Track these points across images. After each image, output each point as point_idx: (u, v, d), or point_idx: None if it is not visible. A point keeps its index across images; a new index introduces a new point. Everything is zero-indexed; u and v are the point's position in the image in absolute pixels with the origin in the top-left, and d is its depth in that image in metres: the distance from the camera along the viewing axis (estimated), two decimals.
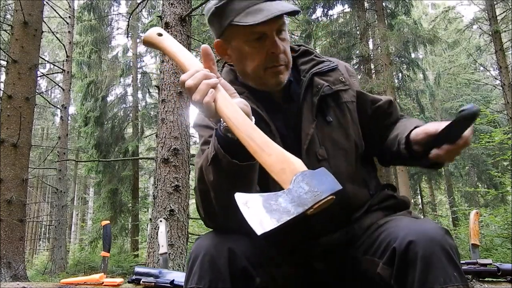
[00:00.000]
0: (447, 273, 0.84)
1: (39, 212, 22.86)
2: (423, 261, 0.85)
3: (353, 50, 12.50)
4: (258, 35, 1.04)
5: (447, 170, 16.66)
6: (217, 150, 0.89)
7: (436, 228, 0.91)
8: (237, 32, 1.06)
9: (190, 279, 0.91)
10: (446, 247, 0.87)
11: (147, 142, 18.03)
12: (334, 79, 1.16)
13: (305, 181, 0.73)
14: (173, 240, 4.31)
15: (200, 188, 0.98)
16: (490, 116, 9.15)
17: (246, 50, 1.07)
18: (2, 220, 4.82)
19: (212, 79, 0.86)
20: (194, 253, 0.93)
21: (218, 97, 0.84)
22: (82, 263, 11.80)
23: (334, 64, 1.18)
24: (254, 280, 0.94)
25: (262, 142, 0.79)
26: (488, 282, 1.62)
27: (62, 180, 11.10)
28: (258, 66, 1.07)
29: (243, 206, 0.71)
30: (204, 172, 0.95)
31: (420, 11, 22.80)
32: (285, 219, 0.69)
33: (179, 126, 4.73)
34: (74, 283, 1.87)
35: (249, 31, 1.04)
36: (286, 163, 0.77)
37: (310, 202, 0.70)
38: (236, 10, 1.04)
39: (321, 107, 1.12)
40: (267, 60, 1.06)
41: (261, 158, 0.79)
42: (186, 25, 5.11)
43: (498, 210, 8.26)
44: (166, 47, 0.97)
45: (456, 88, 17.91)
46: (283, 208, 0.70)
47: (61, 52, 18.84)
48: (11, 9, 10.33)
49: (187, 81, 0.86)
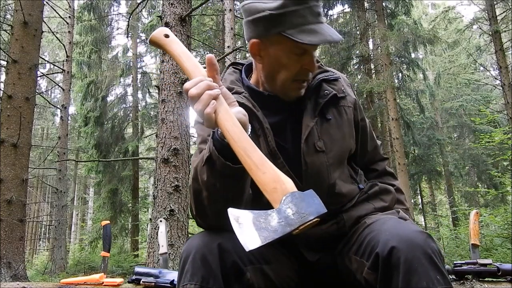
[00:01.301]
0: (430, 276, 0.85)
1: (39, 212, 22.86)
2: (405, 266, 0.87)
3: (353, 50, 12.51)
4: (302, 50, 1.09)
5: (447, 170, 16.66)
6: (212, 152, 0.93)
7: (418, 232, 0.93)
8: (283, 43, 1.09)
9: (182, 278, 0.93)
10: (428, 251, 0.88)
11: (147, 142, 18.04)
12: (338, 88, 1.23)
13: (293, 202, 0.77)
14: (173, 240, 4.31)
15: (194, 187, 1.01)
16: (490, 116, 9.15)
17: (284, 60, 1.11)
18: (2, 220, 4.82)
19: (215, 90, 0.88)
20: (186, 252, 0.96)
21: (219, 109, 0.87)
22: (82, 263, 11.81)
23: (336, 75, 1.26)
24: (244, 275, 0.97)
25: (258, 159, 0.82)
26: (488, 282, 1.61)
27: (62, 180, 11.10)
28: (289, 77, 1.12)
29: (234, 222, 0.76)
30: (198, 172, 0.98)
31: (420, 11, 22.81)
32: (271, 238, 0.73)
33: (179, 126, 4.74)
34: (74, 283, 1.87)
35: (295, 45, 1.08)
36: (278, 182, 0.80)
37: (296, 224, 0.74)
38: (291, 23, 1.06)
39: (323, 107, 1.18)
40: (299, 74, 1.12)
41: (255, 175, 0.82)
42: (186, 25, 5.11)
43: (498, 210, 8.25)
44: (171, 49, 0.99)
45: (456, 88, 17.91)
46: (271, 227, 0.75)
47: (61, 52, 18.84)
48: (11, 9, 10.33)
49: (191, 89, 0.88)
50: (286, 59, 1.10)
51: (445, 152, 15.64)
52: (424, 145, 14.37)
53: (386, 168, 1.38)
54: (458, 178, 16.99)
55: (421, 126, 14.12)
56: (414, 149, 14.74)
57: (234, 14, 10.20)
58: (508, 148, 8.71)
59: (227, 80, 1.22)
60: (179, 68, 4.92)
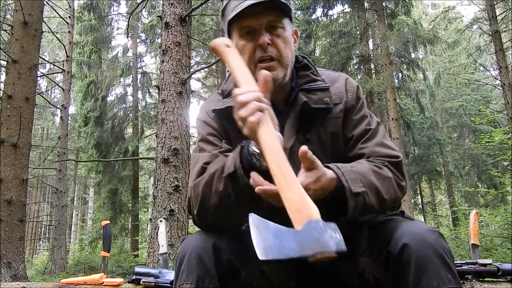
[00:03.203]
0: (440, 275, 0.85)
1: (39, 212, 22.86)
2: (416, 264, 0.86)
3: (353, 50, 12.50)
4: (247, 29, 1.10)
5: (447, 170, 16.66)
6: (237, 169, 0.93)
7: (429, 231, 0.92)
8: (233, 30, 1.13)
9: (179, 278, 0.94)
10: (439, 249, 0.88)
11: (147, 142, 18.03)
12: (317, 98, 1.14)
13: (317, 230, 0.75)
14: (173, 240, 4.31)
15: (203, 191, 1.01)
16: (490, 116, 9.15)
17: (239, 45, 1.11)
18: (2, 220, 4.82)
19: (264, 103, 0.88)
20: (181, 252, 0.97)
21: (263, 122, 0.87)
22: (82, 263, 11.80)
23: (325, 85, 1.17)
24: (240, 273, 0.98)
25: (290, 179, 0.82)
26: (488, 282, 1.62)
27: (62, 180, 11.10)
28: (249, 60, 1.10)
29: (255, 229, 0.75)
30: (214, 181, 0.98)
31: (420, 11, 22.81)
32: (288, 256, 0.72)
33: (179, 126, 4.73)
34: (74, 283, 1.87)
35: (239, 26, 1.10)
36: (305, 206, 0.79)
37: (315, 251, 0.73)
38: (231, 8, 1.10)
39: (303, 122, 1.13)
40: (256, 53, 1.10)
41: (284, 193, 0.81)
42: (186, 25, 5.11)
43: (498, 210, 8.24)
44: (230, 59, 1.01)
45: (456, 88, 17.91)
46: (290, 245, 0.74)
47: (61, 52, 18.84)
48: (11, 9, 10.33)
49: (240, 96, 0.88)
50: (241, 44, 1.11)
51: (445, 152, 15.63)
52: (424, 145, 14.37)
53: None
54: (458, 178, 16.99)
55: (421, 126, 14.11)
56: (414, 149, 14.75)
57: None
58: (508, 148, 8.70)
59: (232, 81, 1.21)
60: (179, 68, 4.92)
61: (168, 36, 4.97)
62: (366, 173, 1.01)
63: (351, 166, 1.01)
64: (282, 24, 1.12)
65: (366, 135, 1.15)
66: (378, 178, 1.02)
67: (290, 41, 1.15)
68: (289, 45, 1.14)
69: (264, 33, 1.09)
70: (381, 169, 1.05)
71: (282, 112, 1.14)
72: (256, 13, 1.07)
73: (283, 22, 1.13)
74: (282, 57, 1.11)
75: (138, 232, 14.87)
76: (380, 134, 1.17)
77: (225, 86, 1.23)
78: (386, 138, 1.17)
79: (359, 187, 0.96)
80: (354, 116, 1.18)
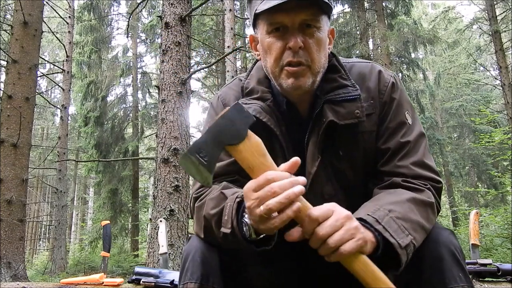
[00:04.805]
0: (452, 273, 0.85)
1: (39, 212, 22.85)
2: (429, 262, 0.86)
3: (353, 50, 12.50)
4: (277, 25, 0.96)
5: (447, 170, 16.65)
6: (237, 232, 0.86)
7: (441, 229, 0.92)
8: (261, 23, 1.00)
9: (183, 276, 0.94)
10: (451, 247, 0.88)
11: (147, 142, 18.03)
12: (346, 112, 1.00)
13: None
14: (173, 240, 4.31)
15: (205, 225, 0.97)
16: (490, 116, 9.15)
17: (265, 42, 0.99)
18: (2, 220, 4.82)
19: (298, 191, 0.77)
20: (186, 251, 0.97)
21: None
22: (82, 263, 11.79)
23: (355, 93, 1.01)
24: (244, 273, 0.98)
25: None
26: (488, 282, 1.62)
27: (62, 180, 11.10)
28: (275, 61, 0.98)
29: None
30: (213, 225, 0.93)
31: (420, 11, 22.80)
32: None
33: (179, 126, 4.73)
34: (74, 283, 1.87)
35: (268, 21, 0.97)
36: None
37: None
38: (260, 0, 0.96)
39: (332, 138, 1.01)
40: (284, 55, 0.96)
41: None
42: (186, 25, 5.11)
43: (498, 210, 8.24)
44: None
45: (456, 88, 17.91)
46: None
47: (61, 52, 18.84)
48: (11, 9, 10.33)
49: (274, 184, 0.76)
50: (268, 41, 0.98)
51: (445, 152, 15.62)
52: None
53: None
54: (458, 178, 16.98)
55: None
56: None
57: (234, 14, 10.20)
58: (508, 148, 8.70)
59: (254, 77, 1.10)
60: (179, 68, 4.92)
61: (168, 36, 4.97)
62: (409, 212, 0.88)
63: (389, 211, 0.86)
64: (319, 24, 0.97)
65: (404, 149, 1.01)
66: (420, 210, 0.91)
67: (324, 43, 1.00)
68: (323, 49, 1.00)
69: (296, 33, 0.94)
70: (422, 192, 0.95)
71: (304, 124, 1.03)
72: (290, 8, 0.93)
73: (320, 21, 0.98)
74: (313, 63, 0.97)
75: (138, 232, 14.87)
76: (421, 151, 1.01)
77: (246, 83, 1.09)
78: (427, 156, 1.02)
79: (405, 236, 0.84)
80: (389, 124, 1.03)
